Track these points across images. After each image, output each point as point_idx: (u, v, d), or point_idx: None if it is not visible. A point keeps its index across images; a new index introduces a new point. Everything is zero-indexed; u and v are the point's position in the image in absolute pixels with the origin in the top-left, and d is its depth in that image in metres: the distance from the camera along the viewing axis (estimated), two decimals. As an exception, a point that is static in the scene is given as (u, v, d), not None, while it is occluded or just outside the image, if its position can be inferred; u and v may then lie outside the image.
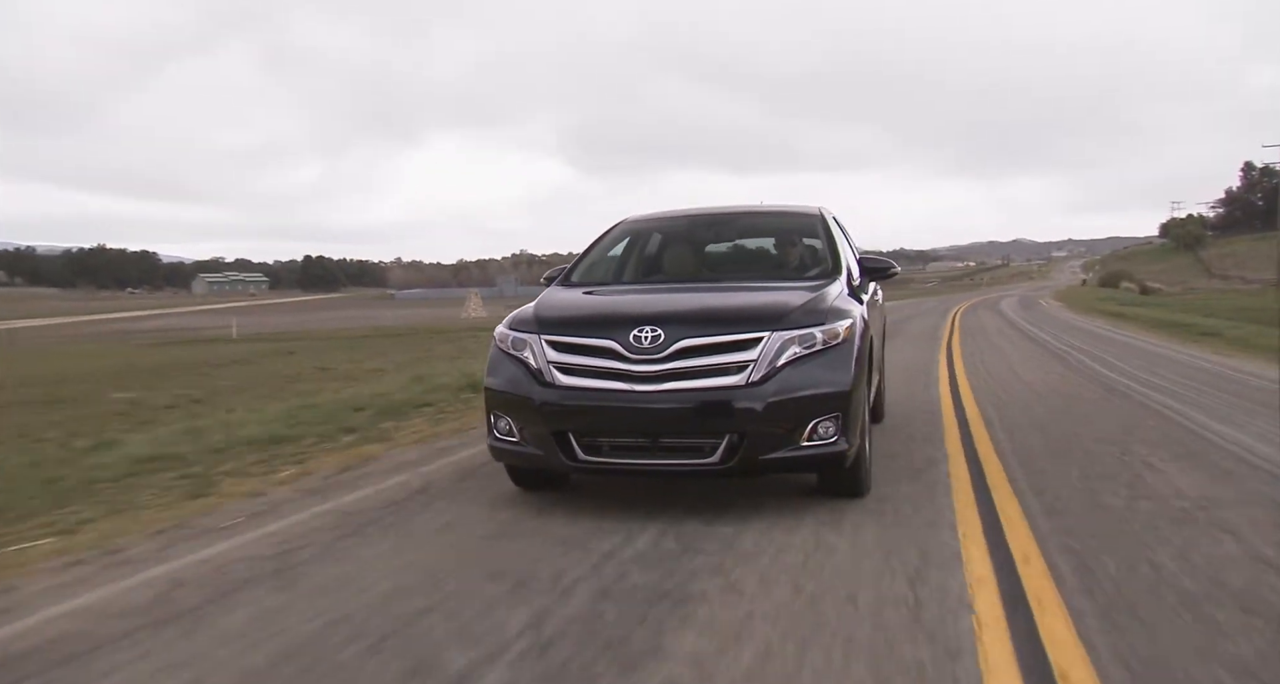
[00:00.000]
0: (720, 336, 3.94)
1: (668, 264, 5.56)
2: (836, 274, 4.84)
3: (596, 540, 3.64)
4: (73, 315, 55.68)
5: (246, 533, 3.87)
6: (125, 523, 4.05)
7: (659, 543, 3.60)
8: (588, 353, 4.05)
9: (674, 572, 3.22)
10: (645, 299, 4.57)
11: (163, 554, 3.58)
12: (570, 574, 3.21)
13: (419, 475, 4.97)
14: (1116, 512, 3.95)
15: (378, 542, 3.71)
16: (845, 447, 3.96)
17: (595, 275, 5.39)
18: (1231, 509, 3.95)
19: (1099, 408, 7.17)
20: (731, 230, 5.83)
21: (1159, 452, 5.24)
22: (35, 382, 14.74)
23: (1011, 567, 3.21)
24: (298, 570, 3.33)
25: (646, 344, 3.93)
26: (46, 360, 22.23)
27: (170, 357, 22.11)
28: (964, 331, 18.70)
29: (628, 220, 5.87)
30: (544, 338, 4.17)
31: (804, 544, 3.53)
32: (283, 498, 4.51)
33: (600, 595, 2.98)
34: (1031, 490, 4.35)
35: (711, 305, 4.38)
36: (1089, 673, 2.34)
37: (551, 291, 4.95)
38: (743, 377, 3.88)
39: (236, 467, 5.21)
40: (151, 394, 11.44)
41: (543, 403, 4.03)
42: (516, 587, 3.08)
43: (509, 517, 4.07)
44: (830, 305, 4.27)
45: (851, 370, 4.03)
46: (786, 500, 4.23)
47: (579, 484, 4.64)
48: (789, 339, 3.96)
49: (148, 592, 3.15)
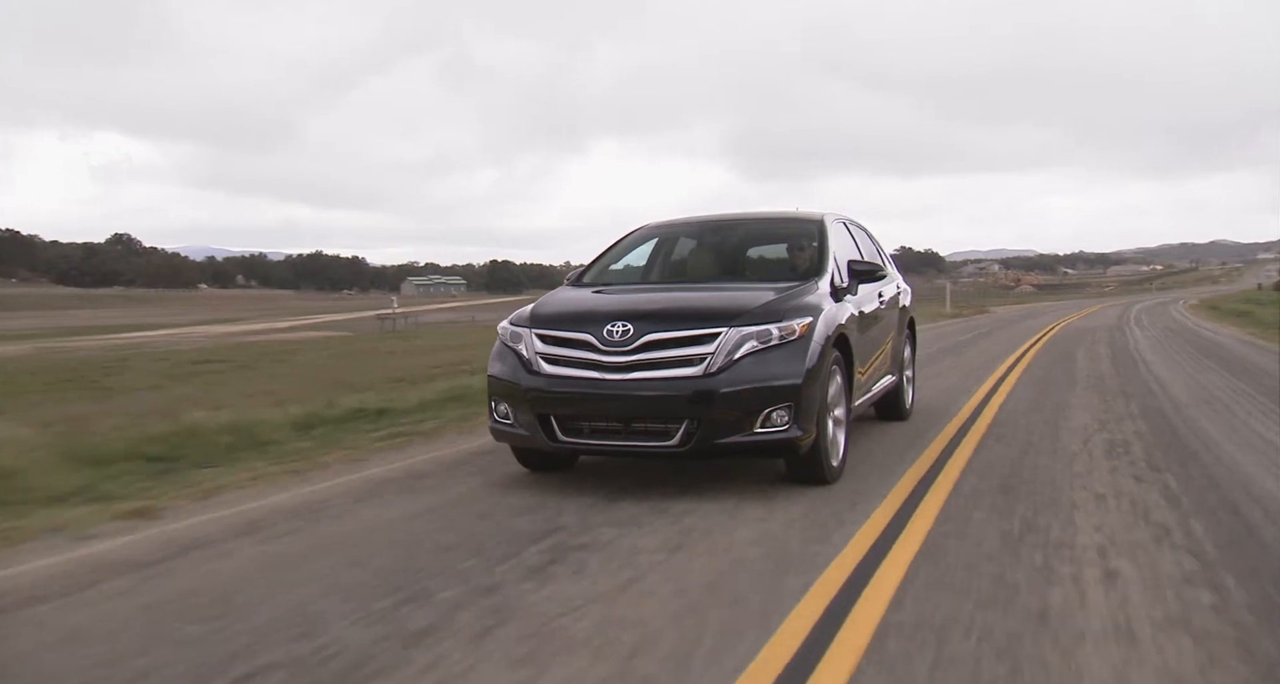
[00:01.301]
0: (682, 332, 4.35)
1: (674, 267, 6.08)
2: (816, 276, 5.14)
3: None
4: (360, 311, 63.98)
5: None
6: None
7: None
8: (568, 345, 4.50)
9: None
10: (624, 298, 4.97)
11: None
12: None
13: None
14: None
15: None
16: (798, 434, 4.28)
17: (607, 277, 5.79)
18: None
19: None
20: (736, 235, 6.19)
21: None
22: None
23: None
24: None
25: (618, 337, 4.36)
26: (463, 337, 25.59)
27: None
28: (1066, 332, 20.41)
29: (647, 226, 6.34)
30: (534, 332, 4.64)
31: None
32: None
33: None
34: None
35: (678, 304, 4.80)
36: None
37: (558, 290, 5.45)
38: (701, 368, 4.26)
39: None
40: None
41: (529, 389, 4.50)
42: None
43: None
44: (793, 304, 4.60)
45: (806, 363, 4.35)
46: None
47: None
48: (746, 334, 4.33)
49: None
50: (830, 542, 3.67)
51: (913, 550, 3.53)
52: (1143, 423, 6.64)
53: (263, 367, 16.09)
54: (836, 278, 5.24)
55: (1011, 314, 35.59)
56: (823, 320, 4.59)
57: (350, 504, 4.51)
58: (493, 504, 4.43)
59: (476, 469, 5.27)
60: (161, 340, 30.95)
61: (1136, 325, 23.06)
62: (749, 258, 6.11)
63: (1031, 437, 6.10)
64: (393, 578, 3.32)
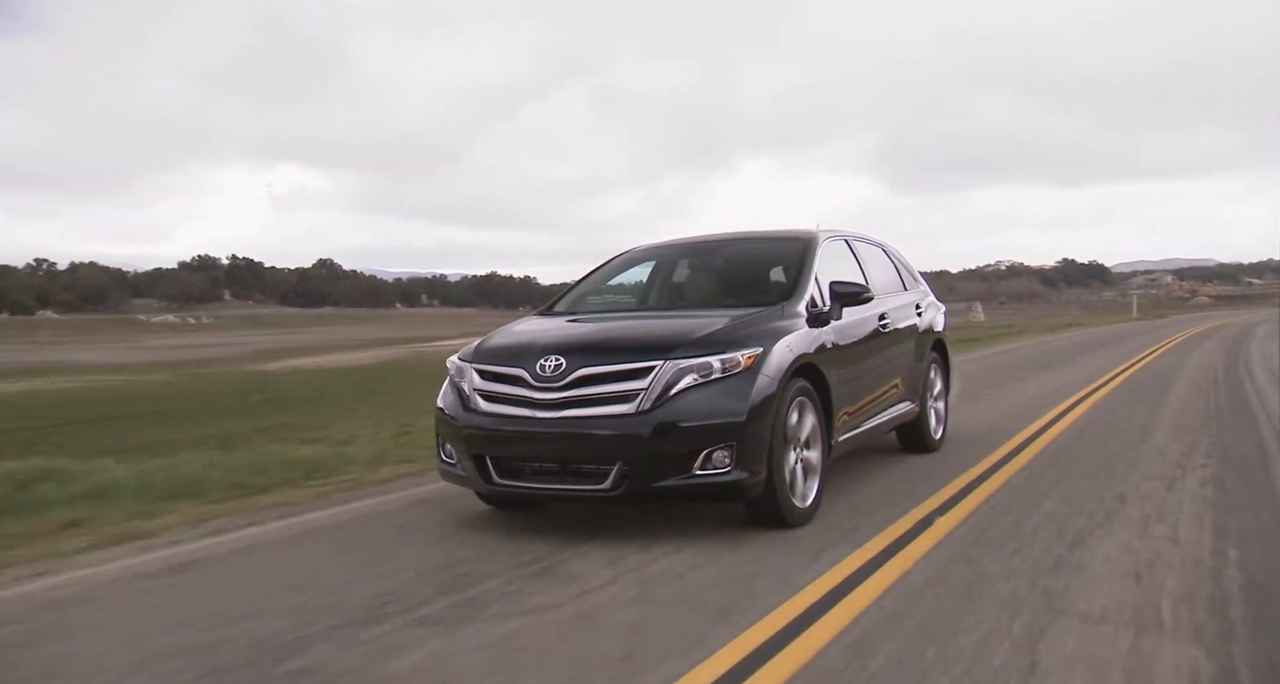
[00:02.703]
0: (614, 366, 4.08)
1: (653, 292, 5.79)
2: (786, 300, 4.78)
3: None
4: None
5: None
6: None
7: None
8: (503, 381, 4.30)
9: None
10: (565, 329, 4.71)
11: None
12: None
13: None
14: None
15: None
16: (742, 477, 3.96)
17: (584, 305, 5.55)
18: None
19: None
20: (719, 258, 5.88)
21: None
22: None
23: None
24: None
25: (549, 372, 4.13)
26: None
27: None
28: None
29: (635, 249, 6.08)
30: (474, 366, 4.46)
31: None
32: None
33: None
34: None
35: (613, 335, 4.51)
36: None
37: (518, 321, 5.21)
38: (633, 405, 3.98)
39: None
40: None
41: (464, 427, 4.31)
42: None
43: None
44: (744, 333, 4.27)
45: (750, 399, 4.01)
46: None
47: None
48: (684, 368, 4.03)
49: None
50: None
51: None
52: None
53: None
54: (817, 301, 4.86)
55: (1189, 318, 45.58)
56: (779, 350, 4.24)
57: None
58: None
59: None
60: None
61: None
62: (727, 281, 5.67)
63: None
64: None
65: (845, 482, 5.34)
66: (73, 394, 17.35)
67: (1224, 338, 21.94)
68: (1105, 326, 34.86)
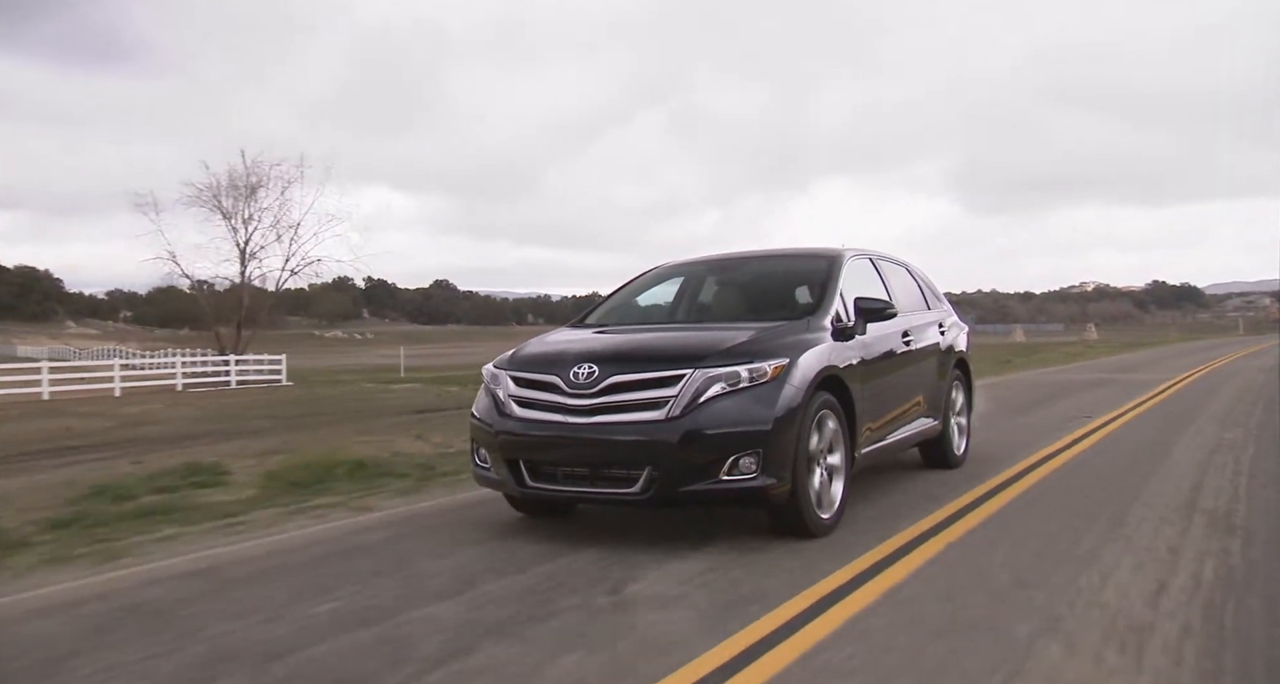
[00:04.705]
0: (645, 374, 4.16)
1: (681, 307, 5.85)
2: (812, 314, 4.87)
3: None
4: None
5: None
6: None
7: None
8: (538, 387, 4.39)
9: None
10: (597, 339, 4.80)
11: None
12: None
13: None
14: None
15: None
16: (768, 483, 4.02)
17: (613, 317, 5.64)
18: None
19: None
20: (745, 274, 6.02)
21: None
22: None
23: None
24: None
25: (583, 380, 4.22)
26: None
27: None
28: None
29: (664, 265, 6.20)
30: (509, 374, 4.55)
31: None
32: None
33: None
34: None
35: (645, 345, 4.63)
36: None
37: (551, 332, 5.34)
38: (663, 412, 4.06)
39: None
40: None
41: (499, 432, 4.39)
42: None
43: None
44: (771, 344, 4.35)
45: (777, 408, 4.08)
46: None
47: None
48: (713, 377, 4.11)
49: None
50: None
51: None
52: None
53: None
54: (842, 316, 4.92)
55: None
56: (804, 361, 4.30)
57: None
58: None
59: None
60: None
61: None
62: (753, 296, 5.78)
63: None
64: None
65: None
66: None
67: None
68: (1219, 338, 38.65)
